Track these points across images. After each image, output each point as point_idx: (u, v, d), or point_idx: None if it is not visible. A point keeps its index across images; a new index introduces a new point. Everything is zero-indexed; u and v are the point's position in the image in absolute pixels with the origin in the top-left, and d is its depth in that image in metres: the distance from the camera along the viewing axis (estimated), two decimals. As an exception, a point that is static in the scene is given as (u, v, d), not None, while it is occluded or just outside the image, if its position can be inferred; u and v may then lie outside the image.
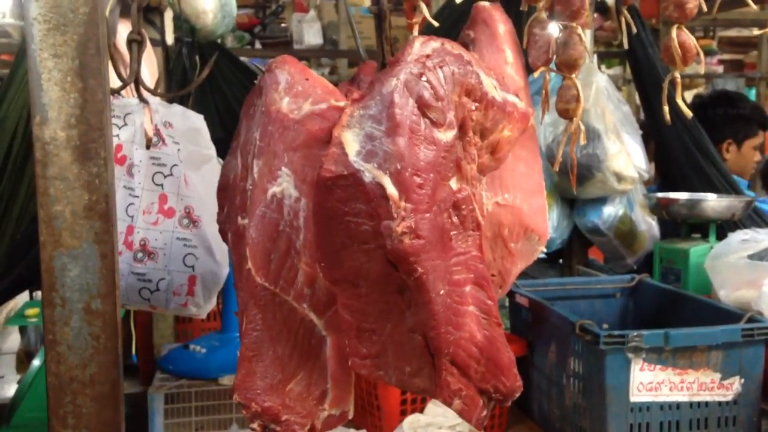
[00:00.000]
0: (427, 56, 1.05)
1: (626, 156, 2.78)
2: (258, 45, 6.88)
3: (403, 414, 1.97)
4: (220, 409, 2.13)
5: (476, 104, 1.09)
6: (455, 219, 1.04)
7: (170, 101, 1.77)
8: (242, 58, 4.07)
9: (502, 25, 1.31)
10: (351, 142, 1.02)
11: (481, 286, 1.04)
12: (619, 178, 2.74)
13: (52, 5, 1.02)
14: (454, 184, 1.05)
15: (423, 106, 1.02)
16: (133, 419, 2.10)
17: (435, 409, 1.98)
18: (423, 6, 1.35)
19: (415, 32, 1.32)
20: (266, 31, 7.10)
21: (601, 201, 2.85)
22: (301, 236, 1.09)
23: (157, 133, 1.62)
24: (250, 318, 1.10)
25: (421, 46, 1.06)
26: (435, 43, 1.07)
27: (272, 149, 1.12)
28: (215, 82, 3.35)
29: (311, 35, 6.82)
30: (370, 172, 1.00)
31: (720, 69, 7.56)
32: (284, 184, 1.10)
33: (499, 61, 1.27)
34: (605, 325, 2.25)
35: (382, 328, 1.03)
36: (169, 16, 3.01)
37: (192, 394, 2.12)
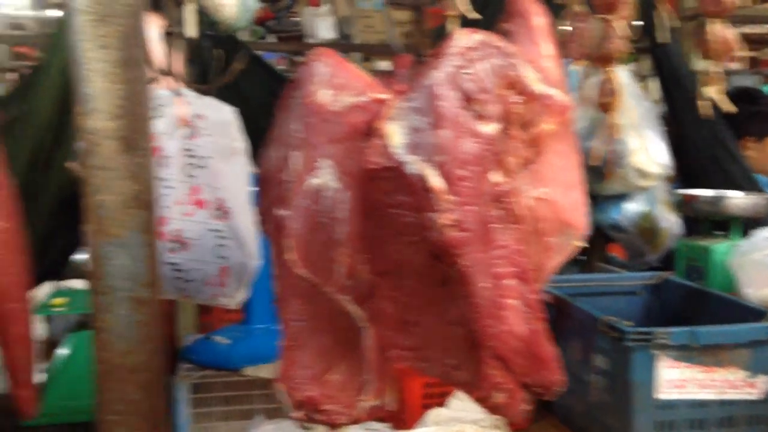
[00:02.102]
0: (470, 49, 1.05)
1: (647, 152, 2.76)
2: (272, 38, 6.86)
3: (426, 408, 1.97)
4: (244, 400, 2.14)
5: (518, 97, 1.08)
6: (497, 212, 1.04)
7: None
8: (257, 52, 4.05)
9: (538, 18, 1.30)
10: (395, 134, 1.02)
11: (523, 280, 1.04)
12: (642, 174, 2.72)
13: (98, -4, 1.03)
14: (496, 177, 1.05)
15: (467, 99, 1.02)
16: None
17: (458, 404, 1.98)
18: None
19: (452, 26, 1.32)
20: (279, 24, 7.08)
21: (622, 197, 2.83)
22: (341, 228, 1.09)
23: (190, 124, 1.63)
24: (291, 309, 1.10)
25: (463, 39, 1.06)
26: (477, 36, 1.07)
27: (312, 141, 1.12)
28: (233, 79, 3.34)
29: (324, 29, 6.79)
30: (414, 164, 1.00)
31: (736, 66, 7.50)
32: (325, 176, 1.10)
33: (537, 53, 1.27)
34: (627, 322, 2.24)
35: (423, 321, 1.04)
36: (191, 9, 3.01)
37: (217, 385, 2.13)
